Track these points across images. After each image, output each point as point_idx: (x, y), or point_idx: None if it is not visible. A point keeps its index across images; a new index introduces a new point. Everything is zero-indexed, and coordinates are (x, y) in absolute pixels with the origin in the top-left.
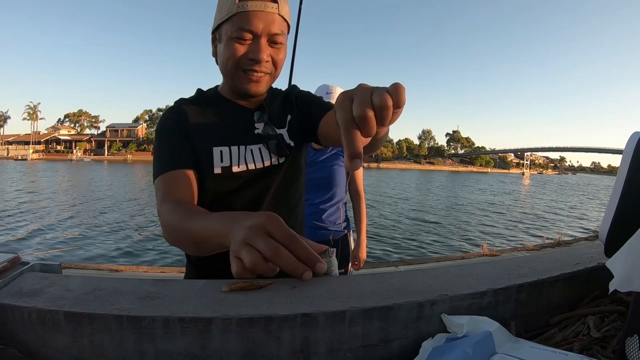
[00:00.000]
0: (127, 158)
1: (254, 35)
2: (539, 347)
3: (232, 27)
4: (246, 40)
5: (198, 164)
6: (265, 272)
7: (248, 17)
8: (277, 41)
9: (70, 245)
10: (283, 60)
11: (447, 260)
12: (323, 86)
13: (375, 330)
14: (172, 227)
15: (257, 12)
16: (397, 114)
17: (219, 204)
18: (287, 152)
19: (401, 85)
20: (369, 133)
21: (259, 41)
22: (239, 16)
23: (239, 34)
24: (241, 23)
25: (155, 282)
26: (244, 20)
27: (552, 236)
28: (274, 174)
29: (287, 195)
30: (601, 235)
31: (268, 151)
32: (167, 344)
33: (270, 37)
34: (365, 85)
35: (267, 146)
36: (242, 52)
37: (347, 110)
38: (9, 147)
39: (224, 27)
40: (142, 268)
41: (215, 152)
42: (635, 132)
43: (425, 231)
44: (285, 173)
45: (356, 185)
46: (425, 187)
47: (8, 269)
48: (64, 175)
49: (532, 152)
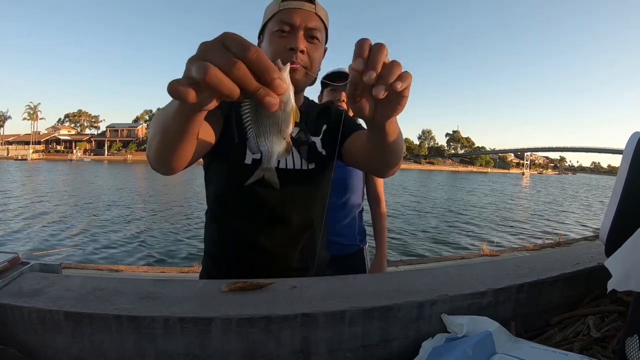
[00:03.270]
0: (127, 158)
1: (292, 27)
2: (539, 347)
3: (274, 23)
4: (286, 33)
5: (230, 151)
6: (221, 87)
7: (288, 13)
8: (314, 35)
9: (70, 246)
10: (319, 60)
11: (447, 260)
12: (338, 70)
13: (375, 330)
14: (149, 131)
15: (296, 9)
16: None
17: (247, 198)
18: (318, 159)
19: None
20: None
21: (296, 33)
22: (280, 13)
23: (280, 26)
24: (282, 17)
25: (155, 282)
26: (284, 15)
27: (552, 236)
28: (302, 179)
29: (311, 202)
30: (601, 235)
31: (300, 156)
32: (167, 344)
33: (307, 31)
34: None
35: (299, 151)
36: (282, 44)
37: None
38: (9, 147)
39: (268, 26)
40: (142, 268)
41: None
42: (635, 132)
43: (426, 231)
44: (313, 180)
45: (376, 189)
46: (425, 187)
47: (8, 269)
48: (64, 175)
49: (532, 152)
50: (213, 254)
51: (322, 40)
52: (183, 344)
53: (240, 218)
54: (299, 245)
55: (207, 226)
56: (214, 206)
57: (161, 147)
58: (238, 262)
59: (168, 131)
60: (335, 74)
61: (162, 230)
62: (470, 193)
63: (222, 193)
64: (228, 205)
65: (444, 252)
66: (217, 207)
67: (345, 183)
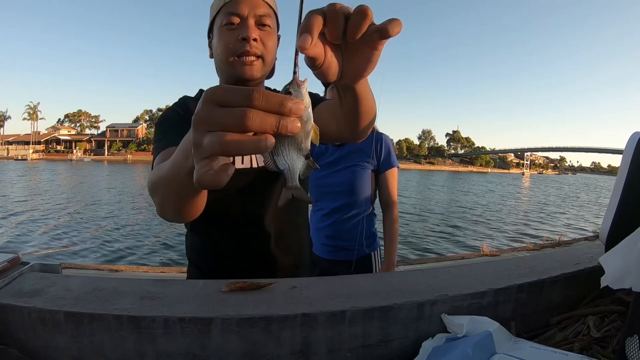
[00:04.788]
0: (127, 158)
1: (241, 18)
2: (539, 347)
3: (222, 16)
4: (235, 25)
5: None
6: (243, 148)
7: (234, 3)
8: (264, 22)
9: (71, 245)
10: (273, 48)
11: (447, 260)
12: None
13: (375, 330)
14: (151, 181)
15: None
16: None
17: (226, 205)
18: None
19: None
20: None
21: (246, 22)
22: (226, 6)
23: (228, 19)
24: (229, 9)
25: (155, 282)
26: (230, 6)
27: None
28: (273, 178)
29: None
30: (601, 235)
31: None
32: (167, 344)
33: (257, 19)
34: None
35: None
36: (233, 36)
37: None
38: (9, 147)
39: (215, 22)
40: (142, 268)
41: None
42: (635, 132)
43: (425, 231)
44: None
45: (388, 192)
46: (425, 187)
47: (8, 269)
48: (64, 176)
49: (532, 152)
50: (197, 263)
51: (274, 27)
52: (183, 344)
53: (220, 226)
54: (281, 245)
55: (187, 236)
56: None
57: (179, 211)
58: (224, 270)
59: (182, 199)
60: None
61: (162, 230)
62: (470, 193)
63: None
64: (208, 214)
65: (444, 252)
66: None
67: (349, 186)
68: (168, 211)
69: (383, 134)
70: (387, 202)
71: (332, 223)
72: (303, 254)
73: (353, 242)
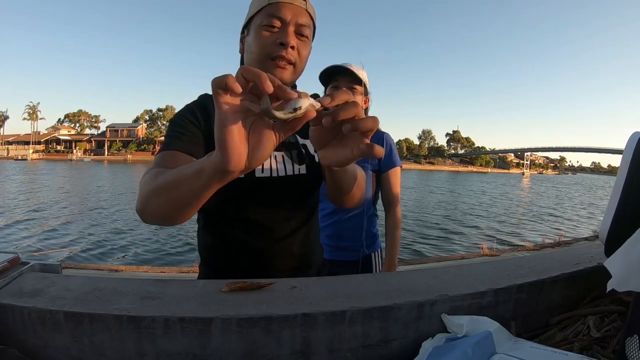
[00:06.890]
0: (127, 158)
1: (282, 22)
2: (539, 347)
3: (263, 16)
4: (275, 28)
5: None
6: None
7: (278, 6)
8: (303, 33)
9: (70, 245)
10: (306, 57)
11: (447, 260)
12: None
13: (375, 330)
14: (146, 183)
15: (287, 4)
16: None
17: (232, 208)
18: (308, 162)
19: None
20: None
21: (287, 28)
22: (270, 7)
23: (269, 21)
24: (271, 11)
25: (155, 282)
26: (274, 9)
27: (552, 236)
28: (295, 185)
29: (304, 205)
30: (601, 235)
31: (291, 160)
32: (167, 344)
33: (297, 28)
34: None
35: (290, 154)
36: (271, 39)
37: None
38: (9, 147)
39: (254, 20)
40: (142, 268)
41: None
42: (635, 132)
43: (426, 231)
44: (305, 184)
45: (391, 192)
46: (425, 187)
47: (8, 269)
48: (64, 175)
49: (532, 152)
50: (209, 262)
51: (310, 39)
52: (183, 344)
53: (233, 226)
54: (293, 248)
55: (200, 234)
56: (206, 215)
57: (160, 207)
58: (236, 270)
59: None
60: (333, 68)
61: (162, 229)
62: (470, 193)
63: (214, 202)
64: (221, 214)
65: (444, 252)
66: (210, 215)
67: None
68: (156, 217)
69: (385, 132)
70: (389, 201)
71: (333, 223)
72: (315, 262)
73: (354, 243)
